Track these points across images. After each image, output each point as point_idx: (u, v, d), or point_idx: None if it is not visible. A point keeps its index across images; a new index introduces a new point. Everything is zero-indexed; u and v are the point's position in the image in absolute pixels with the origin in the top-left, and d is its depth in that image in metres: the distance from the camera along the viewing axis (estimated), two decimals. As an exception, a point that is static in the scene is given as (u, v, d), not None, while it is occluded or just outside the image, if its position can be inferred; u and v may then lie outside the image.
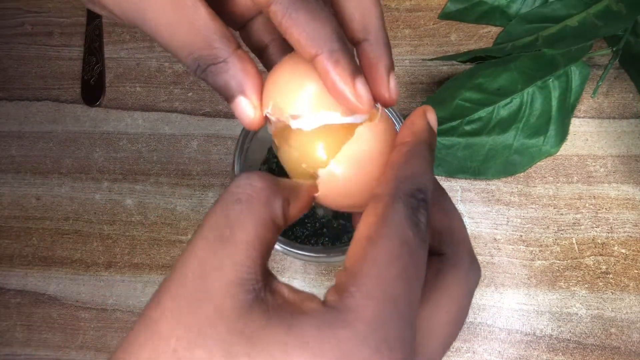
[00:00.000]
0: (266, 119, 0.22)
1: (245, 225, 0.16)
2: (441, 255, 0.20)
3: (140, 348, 0.15)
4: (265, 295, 0.15)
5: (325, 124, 0.21)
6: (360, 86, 0.20)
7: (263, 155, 0.42)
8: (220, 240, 0.16)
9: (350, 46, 0.21)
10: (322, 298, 0.16)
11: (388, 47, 0.22)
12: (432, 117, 0.21)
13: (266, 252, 0.17)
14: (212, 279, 0.15)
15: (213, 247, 0.16)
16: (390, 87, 0.22)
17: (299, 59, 0.21)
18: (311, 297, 0.16)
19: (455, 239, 0.20)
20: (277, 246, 0.30)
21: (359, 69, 0.20)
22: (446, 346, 0.18)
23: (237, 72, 0.21)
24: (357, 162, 0.20)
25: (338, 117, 0.21)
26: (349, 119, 0.21)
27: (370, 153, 0.20)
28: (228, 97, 0.22)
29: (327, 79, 0.20)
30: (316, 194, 0.21)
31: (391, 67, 0.22)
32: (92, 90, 0.50)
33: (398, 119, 0.32)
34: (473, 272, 0.20)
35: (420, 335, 0.17)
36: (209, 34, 0.21)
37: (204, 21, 0.21)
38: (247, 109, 0.22)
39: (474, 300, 0.42)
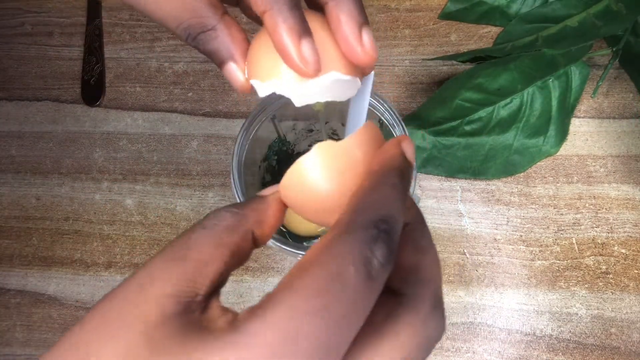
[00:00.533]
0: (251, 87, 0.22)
1: (202, 247, 0.16)
2: (400, 296, 0.17)
3: (63, 353, 0.15)
4: (195, 310, 0.15)
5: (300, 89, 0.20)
6: (307, 47, 0.19)
7: (263, 153, 0.42)
8: (173, 259, 0.16)
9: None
10: None
11: (358, 2, 0.21)
12: (407, 147, 0.19)
13: (221, 272, 0.17)
14: (150, 289, 0.15)
15: (165, 263, 0.16)
16: (363, 42, 0.20)
17: None
18: (230, 315, 0.15)
19: (421, 278, 0.18)
20: (273, 244, 0.30)
21: (308, 30, 0.20)
22: None
23: (225, 38, 0.22)
24: (339, 175, 0.18)
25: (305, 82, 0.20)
26: (324, 79, 0.20)
27: (353, 165, 0.19)
28: (219, 62, 0.23)
29: (273, 36, 0.19)
30: (299, 212, 0.20)
31: (364, 22, 0.20)
32: (92, 90, 0.50)
33: (397, 121, 0.32)
34: (434, 321, 0.17)
35: None
36: (196, 3, 0.21)
37: None
38: (237, 73, 0.22)
39: (474, 301, 0.42)
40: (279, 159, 0.42)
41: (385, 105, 0.32)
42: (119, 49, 0.51)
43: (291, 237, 0.30)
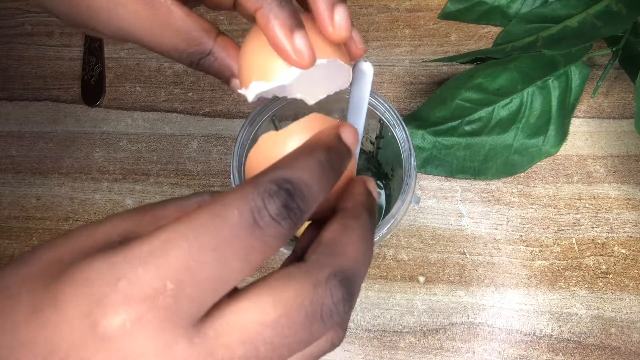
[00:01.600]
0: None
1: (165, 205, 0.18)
2: (302, 261, 0.17)
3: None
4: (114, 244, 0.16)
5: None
6: (299, 40, 0.20)
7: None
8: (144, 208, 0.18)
9: (296, 5, 0.22)
10: None
11: None
12: (346, 132, 0.19)
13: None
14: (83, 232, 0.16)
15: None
16: (334, 21, 0.21)
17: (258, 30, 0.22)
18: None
19: (330, 251, 0.17)
20: None
21: (300, 23, 0.20)
22: (249, 352, 0.15)
23: (223, 59, 0.23)
24: (274, 160, 0.19)
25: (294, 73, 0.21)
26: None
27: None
28: (224, 81, 0.24)
29: (267, 33, 0.20)
30: None
31: (337, 0, 0.21)
32: (92, 90, 0.50)
33: (398, 121, 0.32)
34: (328, 291, 0.16)
35: (219, 329, 0.15)
36: (189, 31, 0.23)
37: (181, 21, 0.22)
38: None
39: (474, 301, 0.42)
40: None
41: (385, 105, 0.32)
42: (119, 48, 0.51)
43: None
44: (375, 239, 0.29)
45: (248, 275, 0.15)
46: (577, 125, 0.46)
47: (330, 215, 0.19)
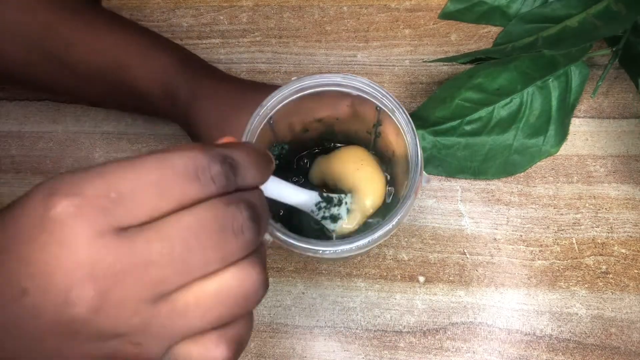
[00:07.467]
0: None
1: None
2: None
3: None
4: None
5: None
6: None
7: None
8: None
9: None
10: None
11: None
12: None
13: None
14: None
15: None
16: None
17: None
18: None
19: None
20: (275, 237, 0.30)
21: None
22: (165, 249, 0.18)
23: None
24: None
25: None
26: None
27: None
28: None
29: None
30: None
31: None
32: (92, 90, 0.50)
33: (396, 105, 0.32)
34: (240, 208, 0.19)
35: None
36: None
37: None
38: None
39: (474, 301, 0.42)
40: (281, 161, 0.42)
41: (382, 92, 0.32)
42: (119, 49, 0.51)
43: (295, 231, 0.30)
44: (393, 223, 0.30)
45: (174, 211, 0.18)
46: (577, 125, 0.46)
47: None
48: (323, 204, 0.34)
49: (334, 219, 0.35)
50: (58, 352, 0.18)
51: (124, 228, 0.17)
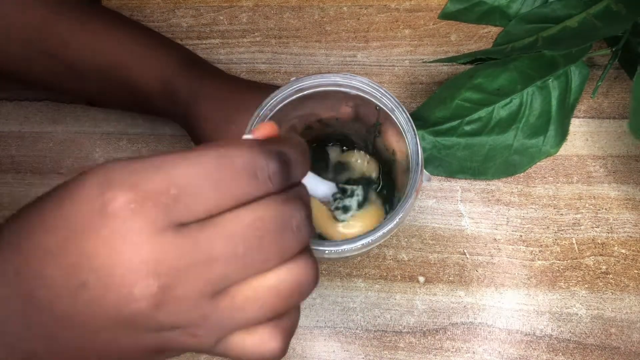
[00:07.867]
0: None
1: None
2: None
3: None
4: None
5: None
6: None
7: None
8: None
9: None
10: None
11: None
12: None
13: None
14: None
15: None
16: None
17: None
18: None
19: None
20: None
21: None
22: (228, 248, 0.18)
23: None
24: None
25: None
26: None
27: None
28: None
29: None
30: None
31: None
32: (92, 91, 0.50)
33: (396, 104, 0.32)
34: (297, 205, 0.20)
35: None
36: None
37: None
38: None
39: (474, 301, 0.42)
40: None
41: (381, 91, 0.32)
42: (119, 49, 0.51)
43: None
44: (394, 223, 0.30)
45: (231, 208, 0.18)
46: (577, 125, 0.46)
47: None
48: (338, 195, 0.36)
49: (346, 209, 0.36)
50: (112, 343, 0.18)
51: (184, 224, 0.17)
